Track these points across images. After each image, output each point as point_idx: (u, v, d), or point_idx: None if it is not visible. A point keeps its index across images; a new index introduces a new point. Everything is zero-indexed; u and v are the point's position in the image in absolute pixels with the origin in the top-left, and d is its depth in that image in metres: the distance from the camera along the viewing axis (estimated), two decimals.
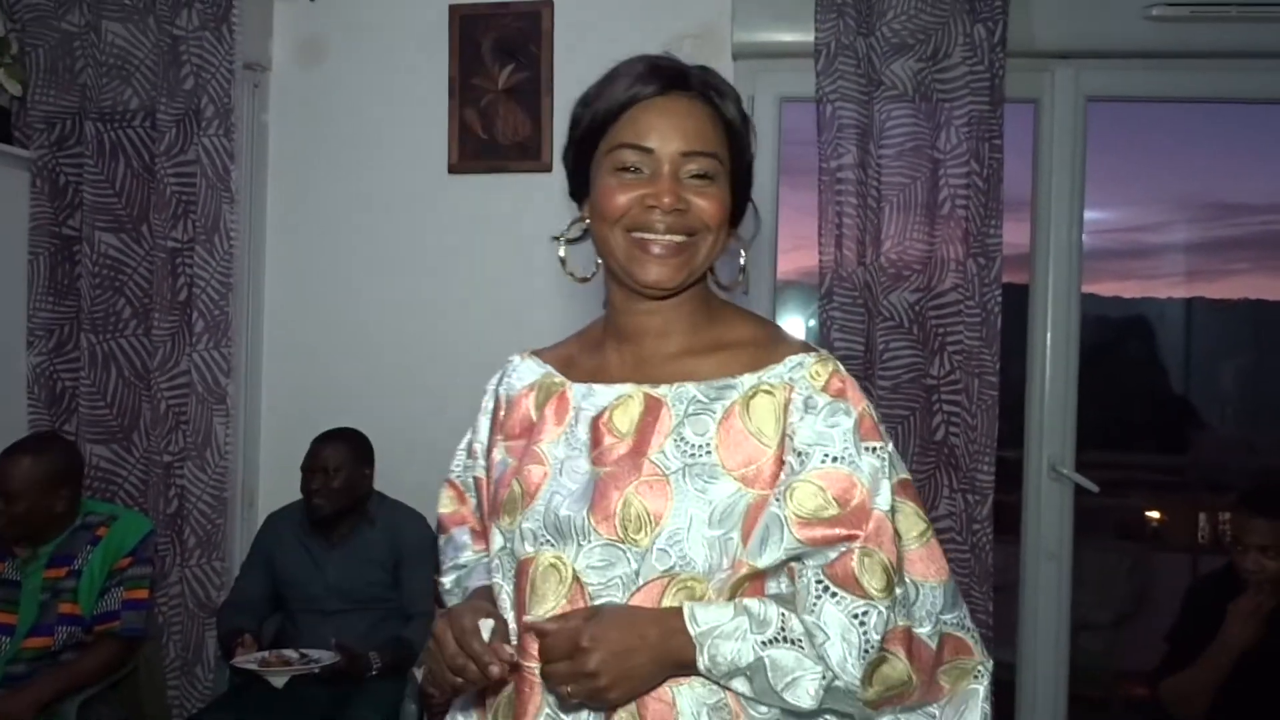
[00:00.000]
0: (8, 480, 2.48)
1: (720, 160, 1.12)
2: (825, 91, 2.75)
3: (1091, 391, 3.16)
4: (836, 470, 1.05)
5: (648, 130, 1.11)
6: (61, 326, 3.05)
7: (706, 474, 1.07)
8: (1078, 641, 3.15)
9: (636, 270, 1.12)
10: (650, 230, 1.11)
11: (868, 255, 2.77)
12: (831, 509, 1.04)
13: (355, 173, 3.10)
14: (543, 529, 1.10)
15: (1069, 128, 2.91)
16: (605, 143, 1.13)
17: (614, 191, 1.12)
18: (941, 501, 2.78)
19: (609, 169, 1.13)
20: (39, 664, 2.47)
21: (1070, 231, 2.92)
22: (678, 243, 1.11)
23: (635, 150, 1.11)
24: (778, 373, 1.11)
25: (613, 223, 1.12)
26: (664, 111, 1.11)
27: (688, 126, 1.10)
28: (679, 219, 1.10)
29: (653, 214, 1.10)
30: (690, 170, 1.11)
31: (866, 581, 1.03)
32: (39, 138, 3.01)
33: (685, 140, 1.10)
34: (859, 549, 1.04)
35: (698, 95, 1.13)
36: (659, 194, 1.09)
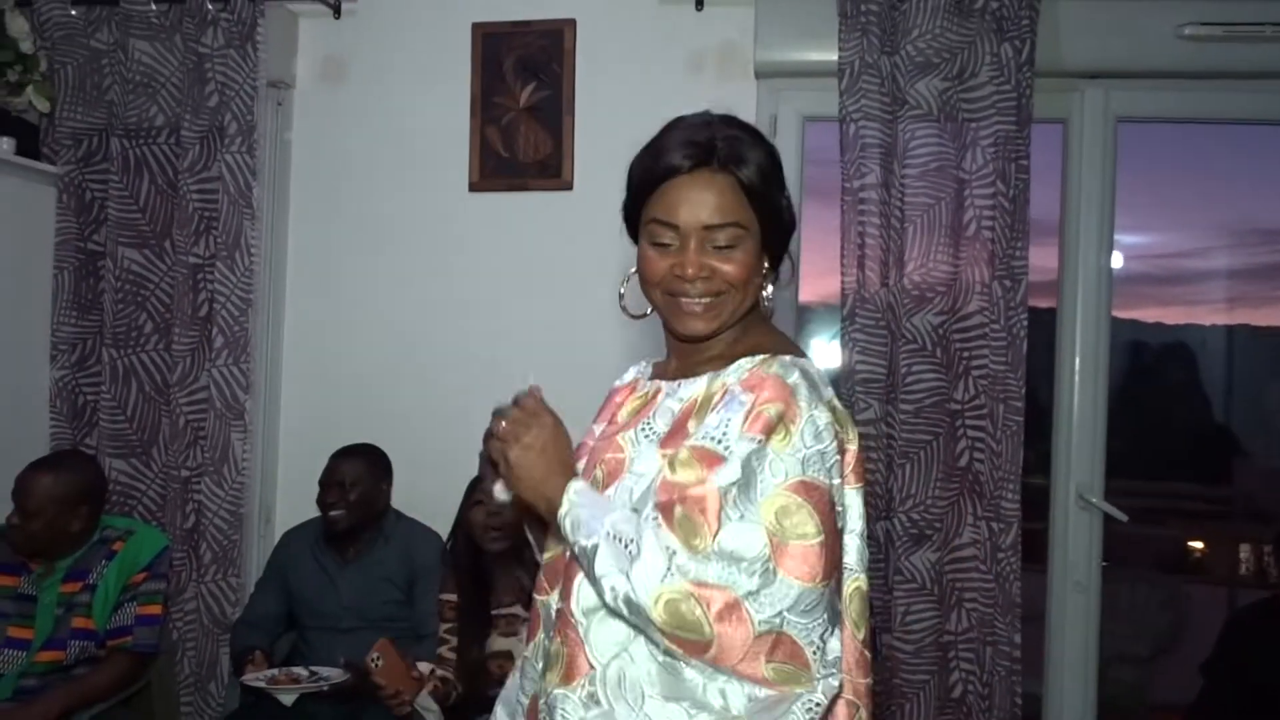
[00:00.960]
0: (26, 497, 2.48)
1: (743, 225, 1.27)
2: (849, 111, 2.72)
3: (1130, 419, 3.10)
4: (706, 447, 1.19)
5: (675, 207, 1.27)
6: (84, 341, 3.07)
7: (645, 453, 1.26)
8: (1109, 674, 3.06)
9: (675, 324, 1.32)
10: (683, 295, 1.29)
11: (891, 276, 2.73)
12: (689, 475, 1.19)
13: (376, 190, 3.10)
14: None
15: (1098, 149, 2.85)
16: (645, 212, 1.31)
17: (651, 260, 1.30)
18: (965, 529, 2.72)
19: (647, 237, 1.31)
20: (50, 677, 2.46)
21: (1100, 254, 2.86)
22: (706, 303, 1.29)
23: (665, 226, 1.28)
24: (727, 372, 1.26)
25: (652, 286, 1.32)
26: (689, 189, 1.27)
27: (710, 202, 1.26)
28: (705, 284, 1.27)
29: (682, 283, 1.28)
30: (715, 241, 1.26)
31: (678, 525, 1.15)
32: (66, 154, 3.04)
33: (708, 214, 1.26)
34: (679, 503, 1.16)
35: (720, 169, 1.26)
36: (684, 265, 1.27)
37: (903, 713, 2.72)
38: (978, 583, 2.70)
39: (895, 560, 2.71)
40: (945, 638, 2.72)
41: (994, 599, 2.68)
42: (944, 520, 2.72)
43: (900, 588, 2.71)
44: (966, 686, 2.71)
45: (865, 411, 2.71)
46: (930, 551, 2.72)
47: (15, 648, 2.48)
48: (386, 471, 2.86)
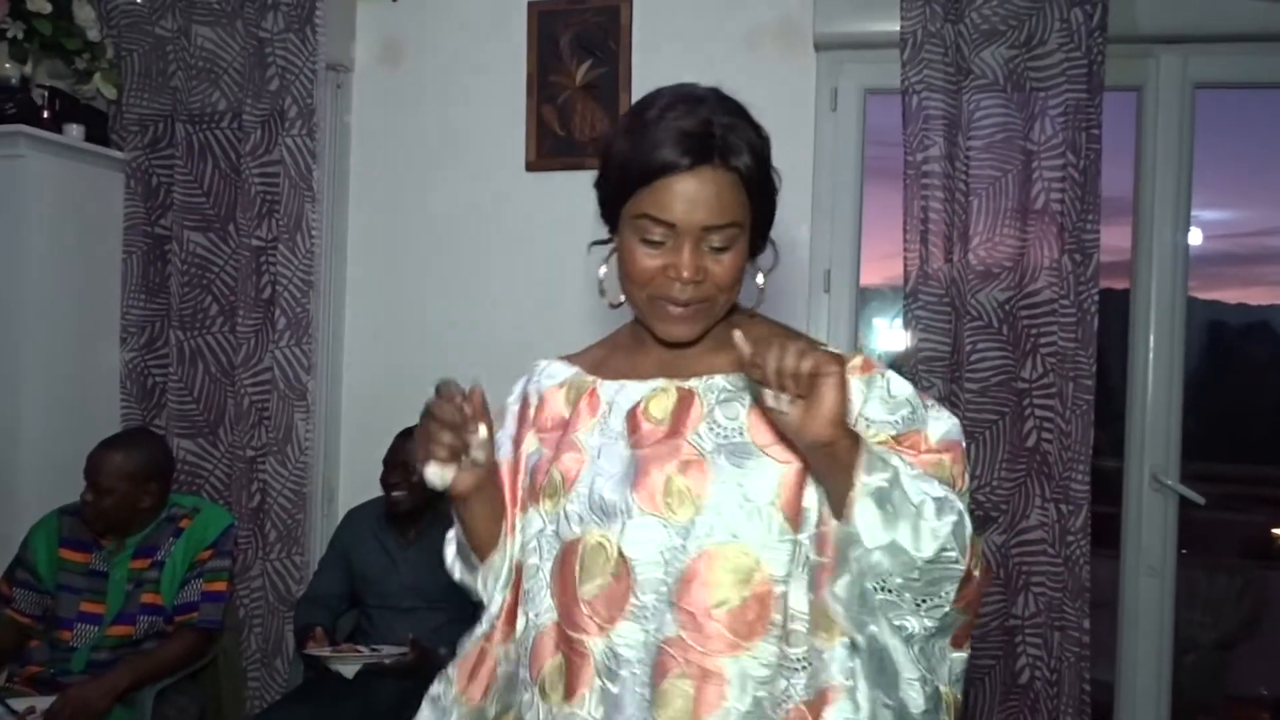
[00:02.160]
0: (98, 474, 2.55)
1: (740, 223, 1.18)
2: (911, 82, 2.65)
3: (1211, 402, 2.99)
4: (914, 427, 1.18)
5: (671, 205, 1.15)
6: (153, 323, 3.13)
7: (742, 451, 1.16)
8: (1183, 662, 2.96)
9: (657, 328, 1.23)
10: (670, 300, 1.19)
11: (955, 252, 2.66)
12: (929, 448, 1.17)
13: (434, 171, 3.11)
14: (588, 510, 1.19)
15: (1175, 117, 2.74)
16: (632, 204, 1.18)
17: (639, 257, 1.19)
18: (1033, 511, 2.64)
19: (634, 232, 1.19)
20: (121, 651, 2.52)
21: (1176, 230, 2.75)
22: (695, 309, 1.20)
23: (659, 224, 1.17)
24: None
25: (638, 285, 1.21)
26: (688, 187, 1.15)
27: (710, 202, 1.15)
28: (696, 289, 1.18)
29: (674, 285, 1.18)
30: (711, 242, 1.17)
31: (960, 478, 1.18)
32: (133, 140, 3.10)
33: (707, 215, 1.16)
34: (954, 459, 1.17)
35: (721, 165, 1.16)
36: (679, 267, 1.17)
37: (968, 698, 2.65)
38: (1046, 566, 2.62)
39: None
40: (1012, 622, 2.66)
41: (1062, 583, 2.60)
42: (1010, 502, 2.65)
43: None
44: (1034, 672, 2.64)
45: (929, 390, 2.64)
46: (996, 534, 2.65)
47: (88, 622, 2.55)
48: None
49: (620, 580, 1.15)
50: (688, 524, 1.14)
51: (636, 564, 1.15)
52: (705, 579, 1.13)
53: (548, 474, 1.24)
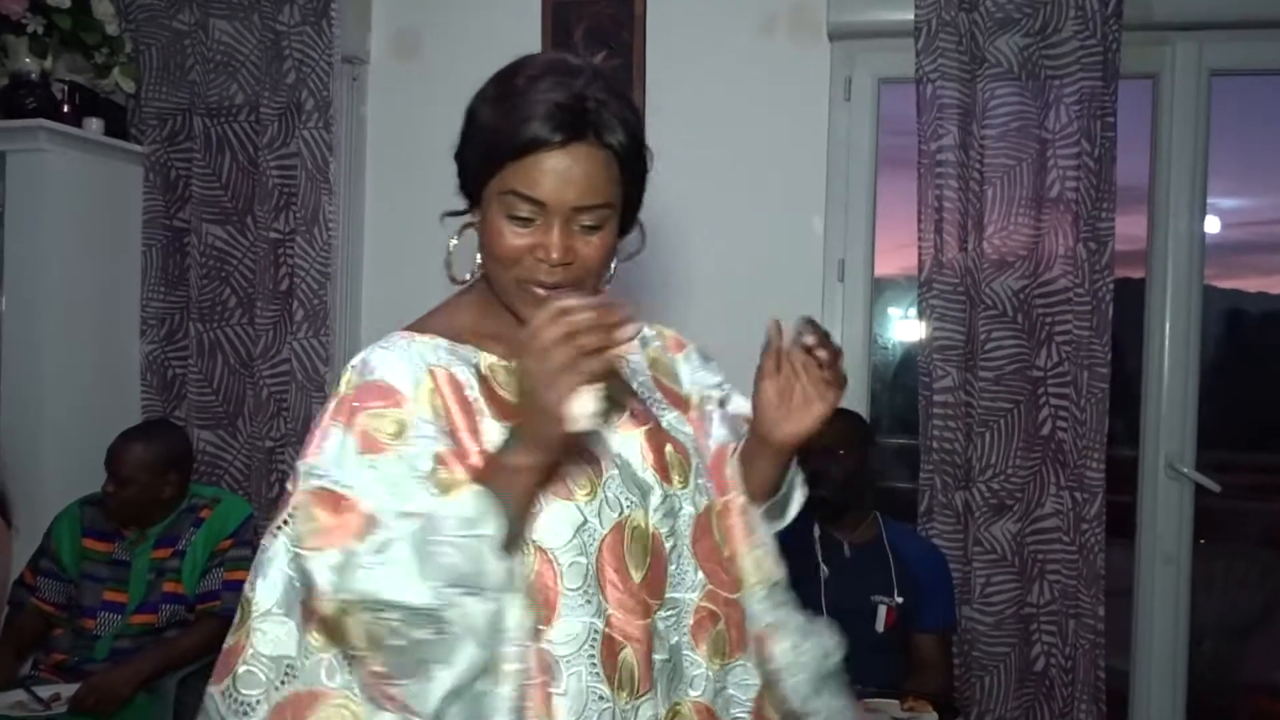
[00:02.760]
0: (119, 464, 2.58)
1: (610, 204, 1.14)
2: (925, 71, 2.65)
3: (1230, 390, 2.99)
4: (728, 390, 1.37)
5: (542, 183, 1.09)
6: (172, 315, 3.16)
7: (679, 419, 1.28)
8: (1199, 651, 2.96)
9: (524, 312, 1.12)
10: (538, 283, 1.13)
11: (970, 241, 2.66)
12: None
13: (450, 163, 3.10)
14: (626, 492, 1.15)
15: (1191, 105, 2.73)
16: (499, 179, 1.12)
17: (505, 236, 1.12)
18: (1048, 499, 2.65)
19: (501, 208, 1.12)
20: (143, 639, 2.56)
21: (1192, 219, 2.75)
22: (563, 292, 1.10)
23: (529, 202, 1.10)
24: (648, 337, 1.36)
25: (504, 265, 1.14)
26: (560, 164, 1.09)
27: (582, 181, 1.10)
28: (565, 271, 1.12)
29: (541, 268, 1.12)
30: (582, 221, 1.12)
31: None
32: (151, 133, 3.12)
33: (578, 194, 1.10)
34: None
35: (595, 142, 1.11)
36: (548, 248, 1.11)
37: (982, 685, 2.67)
38: (1060, 554, 2.63)
39: (974, 531, 2.66)
40: (1026, 610, 2.66)
41: (1077, 571, 2.61)
42: (1025, 490, 2.65)
43: (979, 559, 2.65)
44: (1049, 660, 2.65)
45: (943, 379, 2.65)
46: (1011, 522, 2.66)
47: (112, 610, 2.59)
48: None
49: (658, 557, 1.16)
50: (690, 491, 1.22)
51: (665, 538, 1.18)
52: (712, 534, 1.23)
53: (563, 464, 1.11)
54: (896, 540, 2.51)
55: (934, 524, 2.68)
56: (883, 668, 2.38)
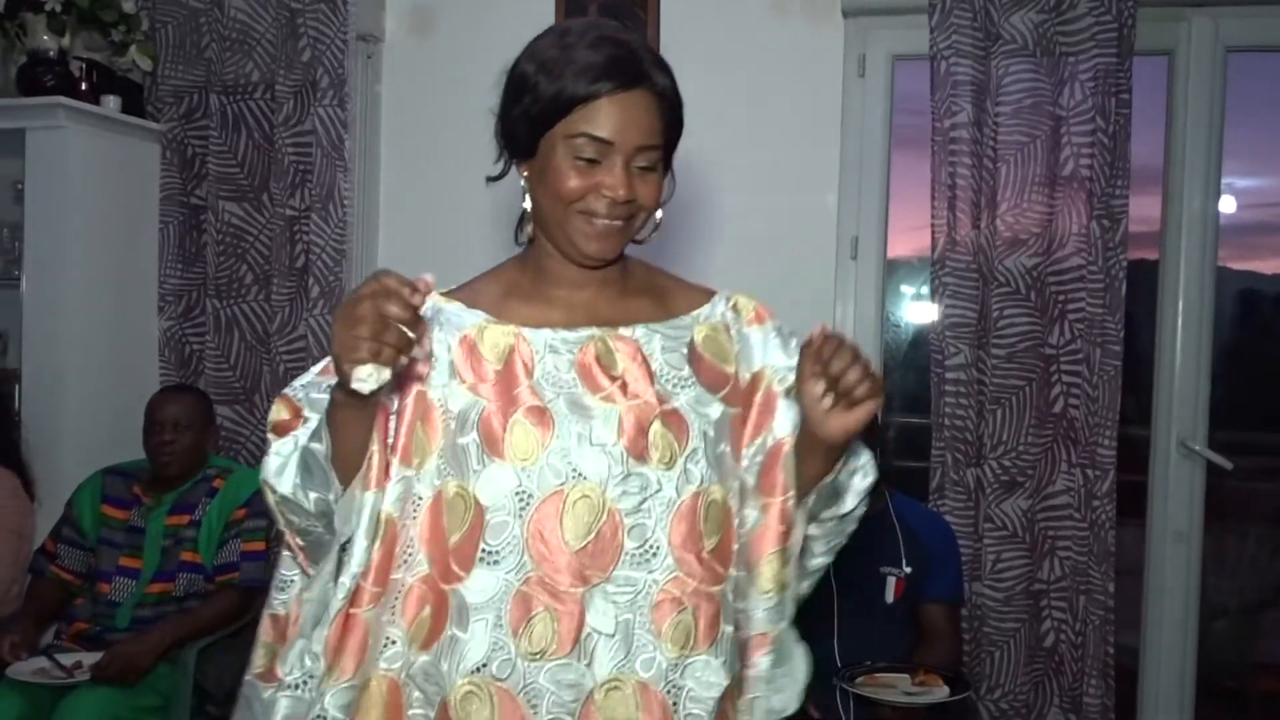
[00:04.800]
0: (179, 412, 2.68)
1: (662, 147, 1.23)
2: (939, 48, 2.65)
3: (1245, 371, 2.98)
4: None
5: (609, 123, 1.19)
6: (189, 292, 3.19)
7: (701, 399, 1.24)
8: (1210, 629, 2.98)
9: (580, 243, 1.22)
10: (597, 215, 1.21)
11: (983, 219, 2.66)
12: None
13: (464, 140, 3.10)
14: (569, 464, 1.17)
15: (1206, 82, 2.72)
16: (565, 124, 1.19)
17: (570, 177, 1.19)
18: (1059, 477, 2.66)
19: (566, 153, 1.20)
20: (163, 608, 2.59)
21: (1207, 194, 2.74)
22: (618, 226, 1.22)
23: (595, 142, 1.19)
24: (710, 314, 1.31)
25: (565, 204, 1.20)
26: (624, 106, 1.19)
27: (643, 122, 1.20)
28: (625, 208, 1.21)
29: (603, 202, 1.20)
30: (640, 162, 1.21)
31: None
32: (169, 111, 3.15)
33: (640, 135, 1.20)
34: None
35: (650, 89, 1.21)
36: (614, 186, 1.19)
37: (992, 661, 2.69)
38: (1071, 531, 2.64)
39: (985, 507, 2.67)
40: (1036, 586, 2.68)
41: (1088, 547, 2.62)
42: (1036, 467, 2.66)
43: (990, 535, 2.67)
44: (1059, 636, 2.66)
45: (955, 357, 2.66)
46: (1022, 499, 2.67)
47: (126, 576, 2.63)
48: None
49: (610, 531, 1.17)
50: (677, 473, 1.19)
51: (626, 515, 1.17)
52: (696, 521, 1.20)
53: (508, 428, 1.18)
54: (903, 512, 2.52)
55: (945, 501, 2.69)
56: (892, 639, 2.40)
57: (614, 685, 1.16)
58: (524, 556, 1.16)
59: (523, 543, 1.16)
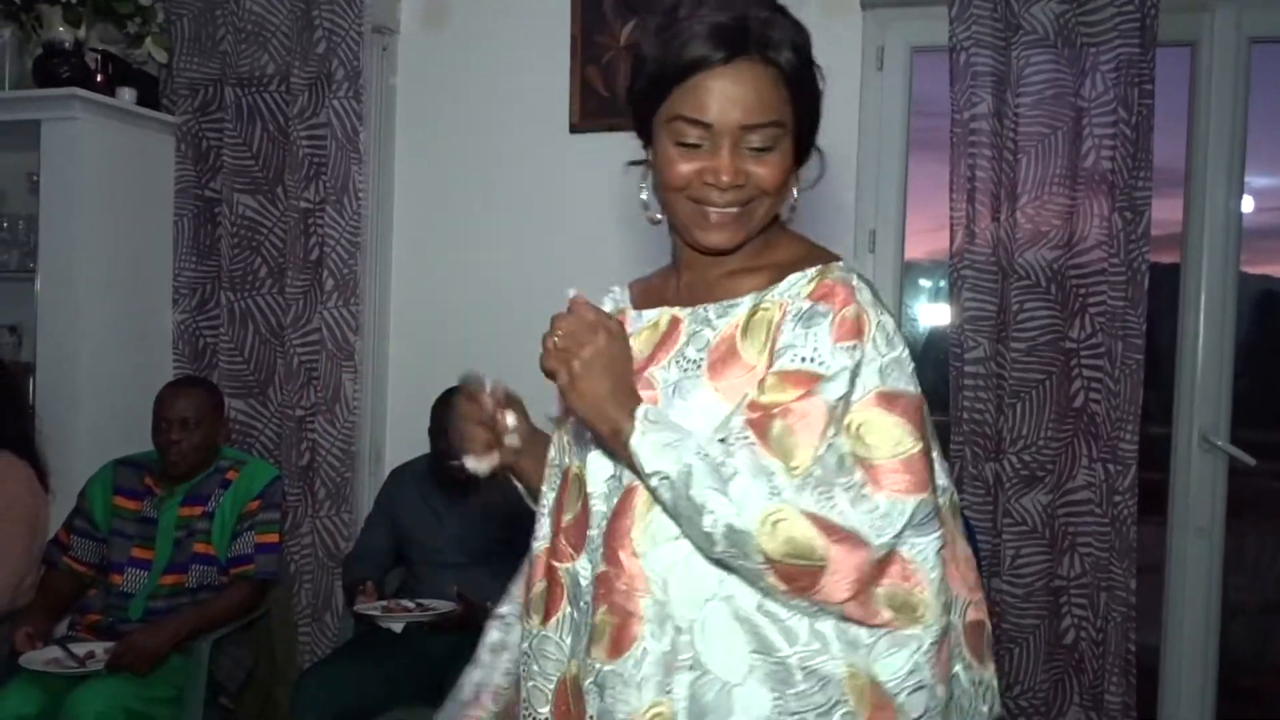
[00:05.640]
0: (188, 409, 2.65)
1: (781, 123, 1.10)
2: (959, 39, 2.62)
3: (1265, 370, 2.94)
4: (801, 369, 1.05)
5: (707, 104, 1.08)
6: (204, 285, 3.18)
7: (692, 387, 1.10)
8: (1232, 627, 2.94)
9: (698, 234, 1.15)
10: (709, 203, 1.12)
11: (1002, 211, 2.63)
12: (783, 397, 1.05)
13: (479, 133, 3.12)
14: (574, 441, 1.19)
15: (1230, 74, 2.69)
16: (665, 108, 1.11)
17: (674, 162, 1.11)
18: (1080, 472, 2.63)
19: (669, 137, 1.11)
20: (176, 600, 2.59)
21: (1230, 189, 2.70)
22: (735, 213, 1.13)
23: (695, 125, 1.09)
24: (779, 290, 1.12)
25: (675, 191, 1.13)
26: (724, 83, 1.08)
27: (748, 99, 1.08)
28: (738, 193, 1.11)
29: (712, 190, 1.11)
30: (751, 142, 1.10)
31: (778, 439, 1.03)
32: (183, 104, 3.14)
33: (745, 113, 1.08)
34: (779, 417, 1.04)
35: (759, 59, 1.08)
36: (718, 171, 1.09)
37: (1011, 658, 2.66)
38: (1092, 527, 2.61)
39: (1004, 502, 2.64)
40: (1056, 582, 2.65)
41: (1109, 543, 2.59)
42: (1057, 462, 2.63)
43: (1009, 530, 2.64)
44: (1079, 633, 2.63)
45: (974, 350, 2.63)
46: (1042, 494, 2.64)
47: (138, 567, 2.63)
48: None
49: (584, 511, 1.15)
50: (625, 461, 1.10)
51: (592, 497, 1.14)
52: (628, 515, 1.10)
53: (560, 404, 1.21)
54: None
55: (964, 495, 2.66)
56: None
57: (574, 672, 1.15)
58: (549, 524, 1.22)
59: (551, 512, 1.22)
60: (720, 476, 1.01)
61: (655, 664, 1.05)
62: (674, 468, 1.02)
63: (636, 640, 1.06)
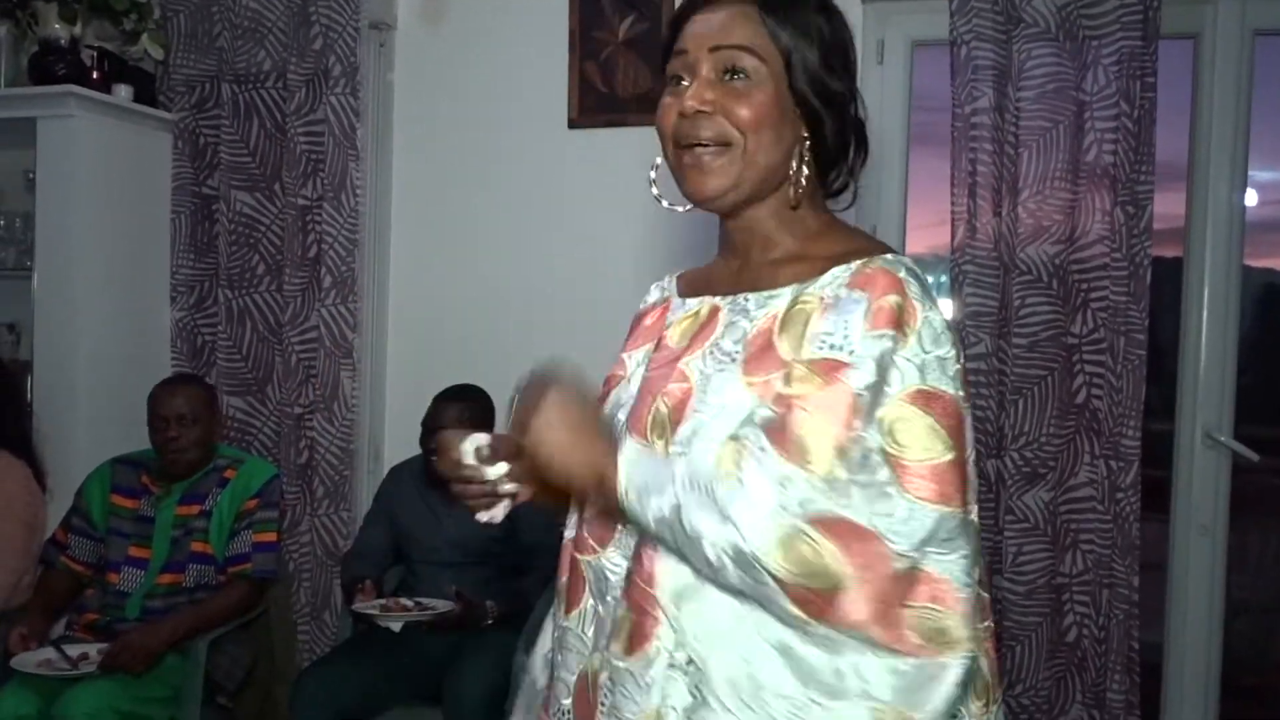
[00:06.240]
0: (184, 405, 2.64)
1: (759, 55, 1.07)
2: (960, 32, 2.60)
3: (1268, 366, 2.92)
4: (829, 357, 1.00)
5: (686, 34, 1.10)
6: (201, 283, 3.17)
7: (725, 381, 1.05)
8: (1236, 625, 2.92)
9: (683, 186, 1.12)
10: (685, 139, 1.09)
11: (1004, 206, 2.61)
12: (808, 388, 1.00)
13: (477, 129, 3.10)
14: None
15: (1233, 66, 2.66)
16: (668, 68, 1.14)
17: (663, 108, 1.12)
18: (1082, 468, 2.61)
19: (666, 86, 1.14)
20: (173, 599, 2.58)
21: (1232, 181, 2.68)
22: (713, 152, 1.08)
23: (676, 57, 1.11)
24: (821, 283, 1.06)
25: (665, 140, 1.12)
26: (703, 14, 1.10)
27: (721, 22, 1.08)
28: (710, 125, 1.07)
29: (685, 122, 1.08)
30: (722, 65, 1.08)
31: (800, 438, 0.97)
32: (180, 100, 3.13)
33: (713, 35, 1.08)
34: (800, 407, 0.98)
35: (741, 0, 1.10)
36: (685, 97, 1.08)
37: (1013, 656, 2.65)
38: (1094, 523, 2.59)
39: (1006, 500, 2.62)
40: (1059, 580, 2.63)
41: (1112, 540, 2.57)
42: (1059, 459, 2.62)
43: (1011, 528, 2.62)
44: (1081, 630, 2.62)
45: (975, 346, 2.62)
46: (1044, 491, 2.62)
47: (135, 566, 2.62)
48: (490, 416, 2.86)
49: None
50: (662, 455, 1.06)
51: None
52: None
53: (608, 396, 1.21)
54: None
55: None
56: None
57: (594, 668, 1.12)
58: (577, 515, 1.19)
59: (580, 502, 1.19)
60: (714, 502, 0.97)
61: (664, 668, 1.02)
62: (666, 507, 0.99)
63: (650, 640, 1.03)
